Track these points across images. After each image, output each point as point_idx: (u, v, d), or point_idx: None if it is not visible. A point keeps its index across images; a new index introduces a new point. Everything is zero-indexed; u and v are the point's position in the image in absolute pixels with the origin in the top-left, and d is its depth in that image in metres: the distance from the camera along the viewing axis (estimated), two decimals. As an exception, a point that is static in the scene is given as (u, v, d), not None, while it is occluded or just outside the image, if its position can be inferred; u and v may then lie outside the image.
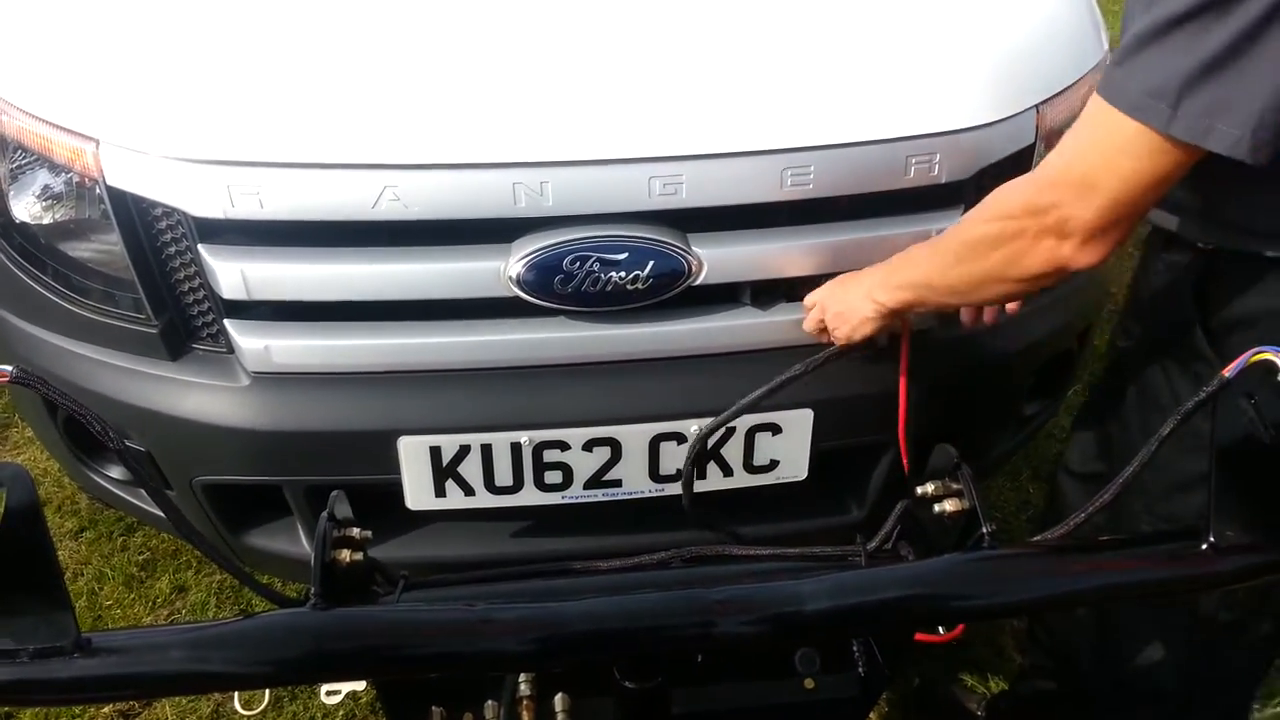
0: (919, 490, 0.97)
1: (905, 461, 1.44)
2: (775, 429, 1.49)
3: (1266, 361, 0.86)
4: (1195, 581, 0.87)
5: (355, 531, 0.91)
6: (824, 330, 1.41)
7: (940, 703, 1.99)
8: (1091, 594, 0.88)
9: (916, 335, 1.45)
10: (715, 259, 1.40)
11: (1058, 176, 1.06)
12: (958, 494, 0.94)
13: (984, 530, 0.90)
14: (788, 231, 1.43)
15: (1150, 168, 0.99)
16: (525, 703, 1.12)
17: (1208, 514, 0.83)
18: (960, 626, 1.56)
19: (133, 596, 2.35)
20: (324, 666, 0.78)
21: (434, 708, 1.15)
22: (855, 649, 1.22)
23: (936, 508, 0.94)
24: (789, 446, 1.51)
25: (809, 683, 1.20)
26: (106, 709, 2.05)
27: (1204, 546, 0.85)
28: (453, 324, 1.43)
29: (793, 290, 1.47)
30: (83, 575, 2.41)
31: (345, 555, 0.87)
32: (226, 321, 1.44)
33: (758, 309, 1.47)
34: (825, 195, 1.40)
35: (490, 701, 1.13)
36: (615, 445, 1.47)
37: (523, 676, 1.13)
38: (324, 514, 0.89)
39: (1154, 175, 0.99)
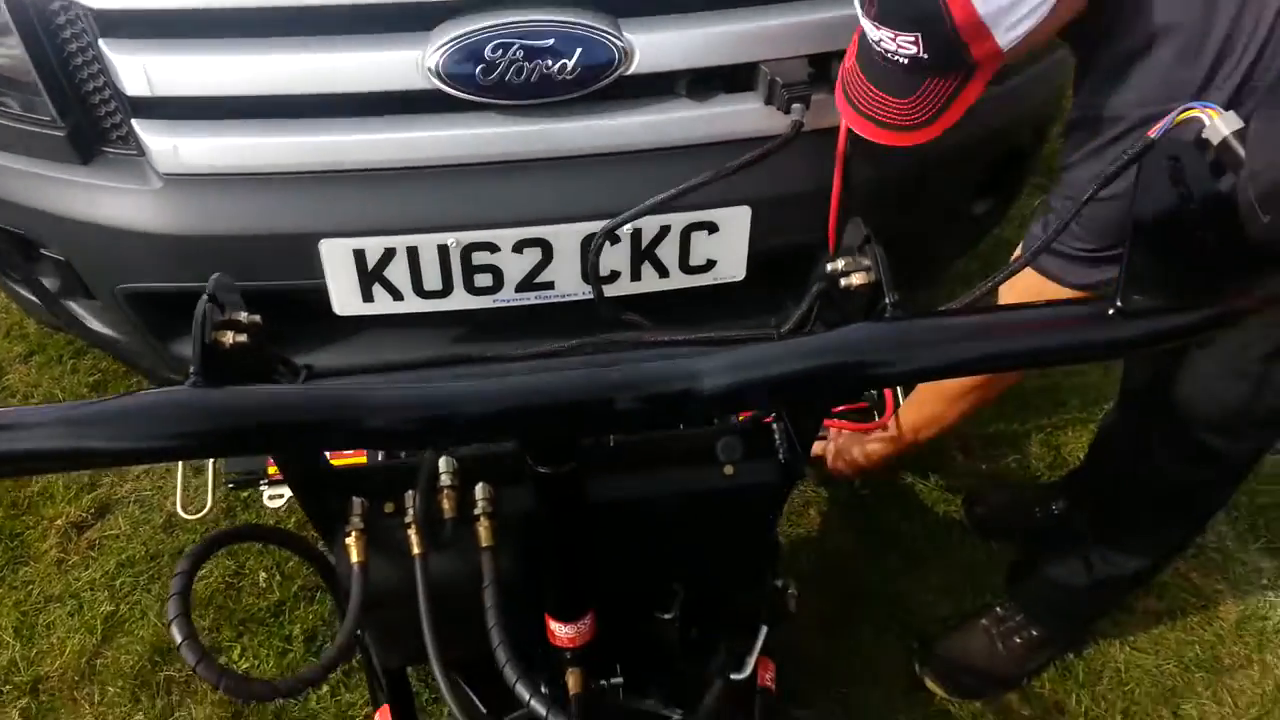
0: (828, 267, 0.94)
1: (831, 246, 1.41)
2: (712, 227, 1.45)
3: (1194, 119, 0.82)
4: (1102, 345, 0.85)
5: (243, 316, 0.87)
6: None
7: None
8: (995, 358, 0.86)
9: None
10: (648, 46, 1.32)
11: None
12: (867, 269, 0.91)
13: (887, 300, 0.88)
14: (726, 15, 1.34)
15: None
16: (446, 492, 1.11)
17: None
18: (888, 414, 1.58)
19: (83, 418, 2.34)
20: (199, 442, 0.76)
21: (354, 498, 1.14)
22: (776, 437, 1.22)
23: (844, 282, 0.91)
24: (726, 246, 1.47)
25: (728, 469, 1.20)
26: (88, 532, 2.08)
27: (1110, 311, 0.83)
28: (371, 120, 1.36)
29: (732, 80, 1.40)
30: (33, 398, 2.39)
31: (229, 337, 0.83)
32: (134, 121, 1.36)
33: (694, 101, 1.41)
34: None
35: (411, 492, 1.12)
36: (546, 246, 1.43)
37: (443, 466, 1.12)
38: (204, 296, 0.85)
39: None
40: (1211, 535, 2.10)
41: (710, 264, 1.50)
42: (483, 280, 1.45)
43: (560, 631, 1.18)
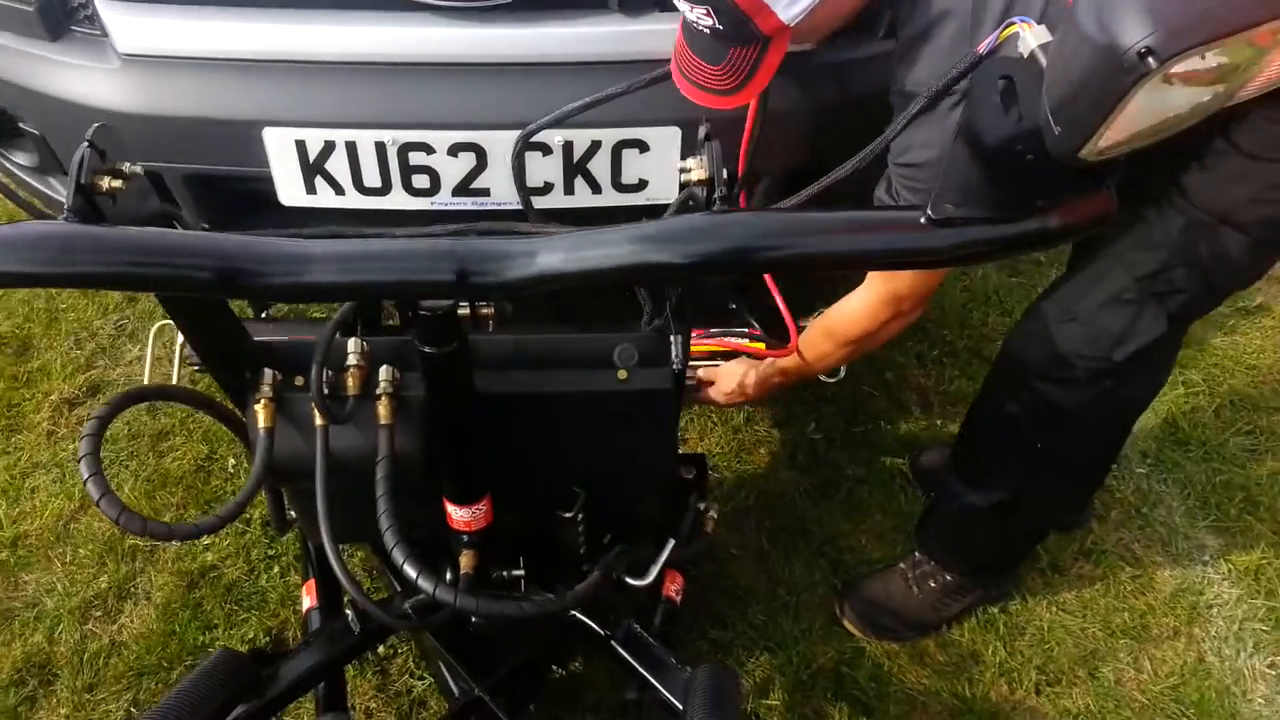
0: (679, 166, 0.98)
1: (740, 171, 1.44)
2: (643, 146, 1.49)
3: (1014, 34, 0.83)
4: (909, 252, 0.88)
5: (125, 166, 0.94)
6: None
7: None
8: (804, 259, 0.89)
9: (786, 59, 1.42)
10: (579, -44, 1.36)
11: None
12: (704, 166, 0.95)
13: (715, 195, 0.92)
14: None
15: None
16: (352, 370, 1.18)
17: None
18: (792, 344, 1.61)
19: (86, 303, 2.48)
20: (65, 270, 0.82)
21: (266, 369, 1.21)
22: (672, 349, 1.26)
23: (683, 177, 0.95)
24: (657, 165, 1.51)
25: (622, 374, 1.25)
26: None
27: (922, 219, 0.85)
28: (315, 13, 1.43)
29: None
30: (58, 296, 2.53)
31: (105, 182, 0.91)
32: (98, 2, 1.45)
33: (626, 15, 1.44)
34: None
35: (315, 365, 1.18)
36: (480, 152, 1.48)
37: (351, 347, 1.19)
38: (84, 141, 0.92)
39: None
40: (1161, 509, 2.09)
41: (643, 184, 1.54)
42: (420, 181, 1.51)
43: (457, 515, 1.25)
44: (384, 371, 1.18)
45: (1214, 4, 0.66)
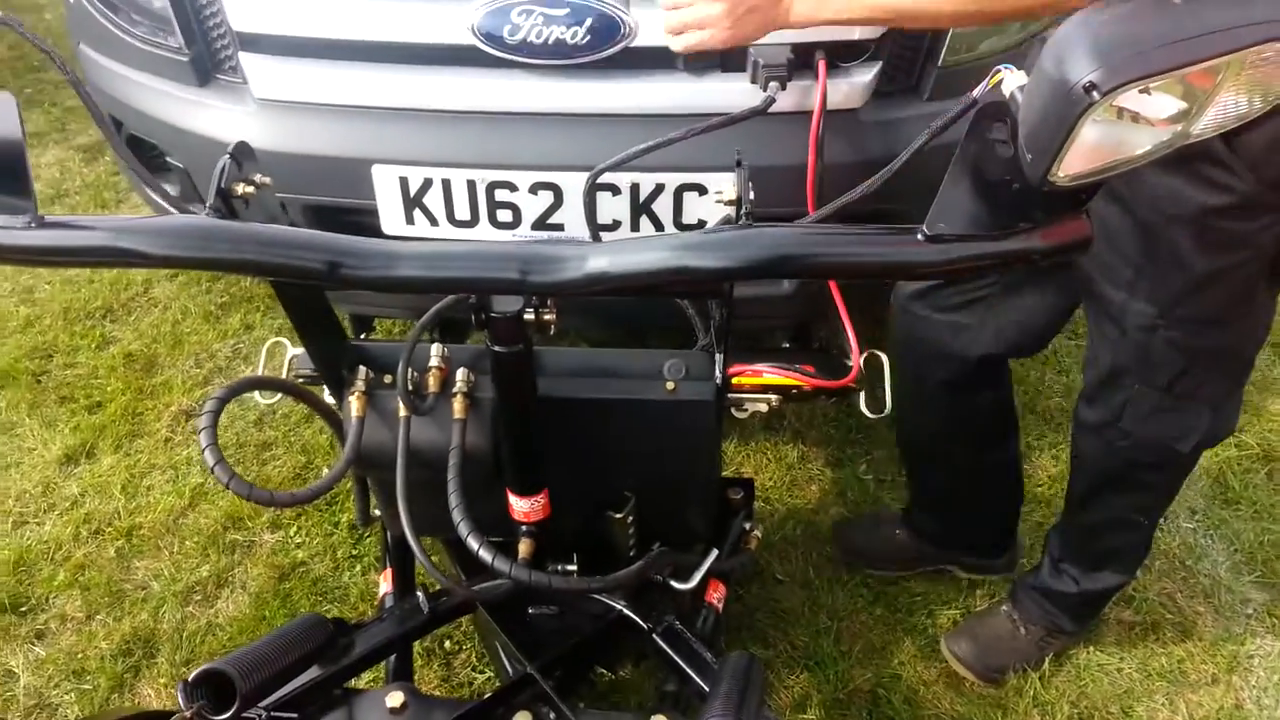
0: (712, 190, 1.14)
1: (810, 210, 1.59)
2: (702, 189, 1.66)
3: (1001, 79, 0.98)
4: (907, 265, 1.00)
5: (256, 177, 1.15)
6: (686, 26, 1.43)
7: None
8: (811, 267, 1.02)
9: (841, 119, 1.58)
10: (651, 21, 1.55)
11: None
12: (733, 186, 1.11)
13: (743, 211, 1.07)
14: (721, 2, 1.56)
15: None
16: (433, 371, 1.36)
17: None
18: (852, 375, 1.73)
19: (208, 328, 2.75)
20: (204, 256, 1.01)
21: (360, 367, 1.40)
22: (716, 367, 1.41)
23: (718, 197, 1.11)
24: (716, 207, 1.67)
25: (669, 385, 1.40)
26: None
27: (920, 236, 0.99)
28: (422, 69, 1.65)
29: (724, 60, 1.61)
30: (170, 309, 2.82)
31: (240, 187, 1.11)
32: (241, 54, 1.70)
33: (690, 75, 1.63)
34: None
35: (401, 364, 1.36)
36: (557, 190, 1.67)
37: (433, 350, 1.37)
38: (225, 154, 1.12)
39: None
40: (1206, 563, 2.13)
41: (701, 224, 1.70)
42: (504, 216, 1.71)
43: (518, 506, 1.40)
44: (460, 373, 1.35)
45: (1150, 48, 0.79)
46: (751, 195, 1.09)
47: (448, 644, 1.94)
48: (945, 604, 2.05)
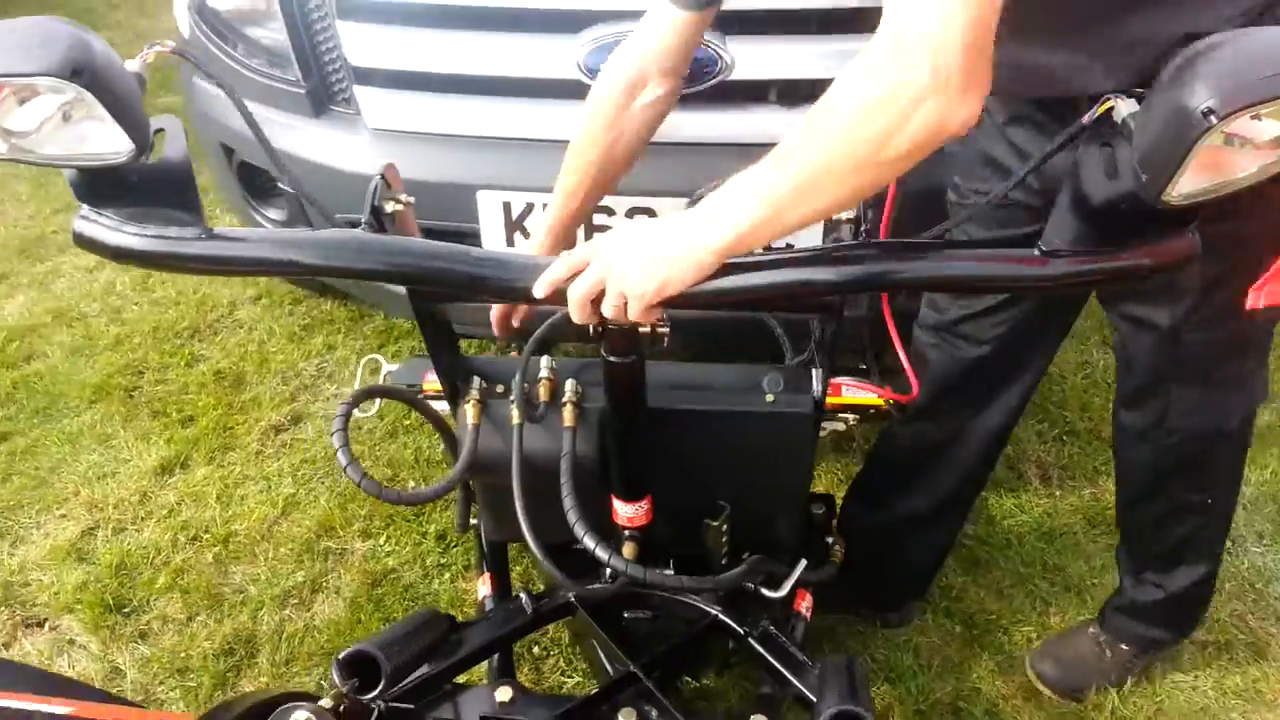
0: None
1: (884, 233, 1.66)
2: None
3: (1111, 107, 1.04)
4: (1025, 279, 1.06)
5: (401, 196, 1.25)
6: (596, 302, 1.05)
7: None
8: (945, 280, 1.09)
9: None
10: (746, 56, 1.64)
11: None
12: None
13: (862, 229, 1.15)
14: (812, 38, 1.64)
15: None
16: (544, 382, 1.44)
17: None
18: (914, 393, 1.79)
19: (292, 348, 2.86)
20: (361, 267, 1.10)
21: (475, 377, 1.48)
22: (814, 378, 1.48)
23: (836, 216, 1.19)
24: (805, 231, 1.75)
25: (769, 398, 1.47)
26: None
27: (1036, 253, 1.05)
28: (528, 100, 1.75)
29: (815, 92, 1.69)
30: (255, 330, 2.94)
31: (389, 205, 1.21)
32: (355, 87, 1.81)
33: (783, 106, 1.71)
34: (853, 5, 1.60)
35: (516, 377, 1.44)
36: (651, 214, 1.76)
37: (544, 363, 1.45)
38: (378, 174, 1.22)
39: None
40: (1276, 586, 2.15)
41: (789, 246, 1.77)
42: (601, 238, 1.79)
43: (622, 511, 1.47)
44: (569, 384, 1.42)
45: (1263, 80, 0.86)
46: (869, 213, 1.17)
47: (536, 649, 2.01)
48: (1018, 621, 2.09)
